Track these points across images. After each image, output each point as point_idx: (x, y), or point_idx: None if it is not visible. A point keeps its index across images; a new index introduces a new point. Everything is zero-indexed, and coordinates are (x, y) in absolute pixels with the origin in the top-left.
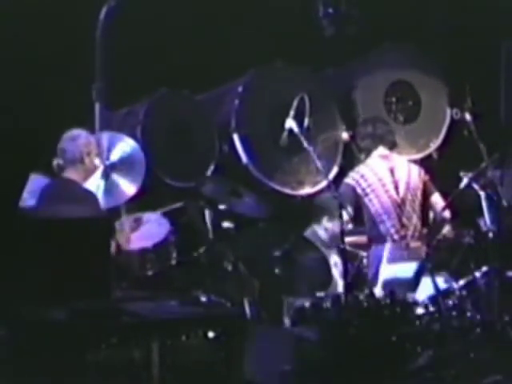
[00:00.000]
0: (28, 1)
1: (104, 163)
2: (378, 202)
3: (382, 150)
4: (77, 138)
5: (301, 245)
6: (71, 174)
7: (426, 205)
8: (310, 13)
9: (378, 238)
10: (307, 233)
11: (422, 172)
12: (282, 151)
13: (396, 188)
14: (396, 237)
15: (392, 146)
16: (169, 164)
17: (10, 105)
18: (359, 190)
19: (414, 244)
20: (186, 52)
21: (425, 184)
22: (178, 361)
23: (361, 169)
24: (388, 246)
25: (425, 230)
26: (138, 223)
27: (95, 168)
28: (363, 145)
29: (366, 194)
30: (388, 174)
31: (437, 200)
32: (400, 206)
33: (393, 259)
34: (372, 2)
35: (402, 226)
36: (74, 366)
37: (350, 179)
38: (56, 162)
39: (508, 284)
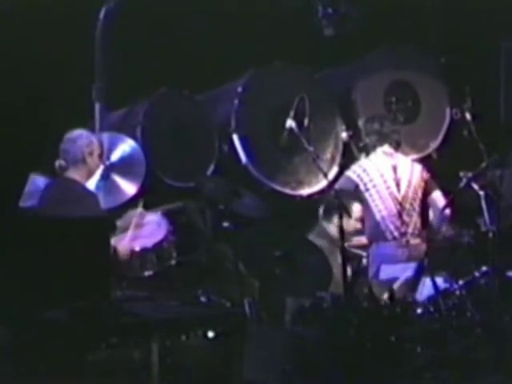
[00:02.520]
0: (28, 1)
1: (104, 163)
2: (378, 197)
3: (386, 147)
4: (78, 138)
5: (301, 245)
6: (73, 174)
7: (426, 204)
8: (310, 13)
9: (377, 235)
10: (315, 231)
11: (425, 171)
12: (282, 151)
13: (397, 185)
14: (396, 233)
15: (397, 146)
16: (169, 164)
17: (10, 105)
18: (362, 186)
19: (413, 241)
20: (186, 52)
21: (426, 182)
22: (177, 361)
23: (363, 163)
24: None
25: (425, 229)
26: (142, 217)
27: (97, 167)
28: (368, 141)
29: (367, 189)
30: (391, 171)
31: (438, 197)
32: (401, 203)
33: (394, 257)
34: (372, 2)
35: (403, 222)
36: (74, 365)
37: (351, 173)
38: (58, 163)
39: (508, 284)
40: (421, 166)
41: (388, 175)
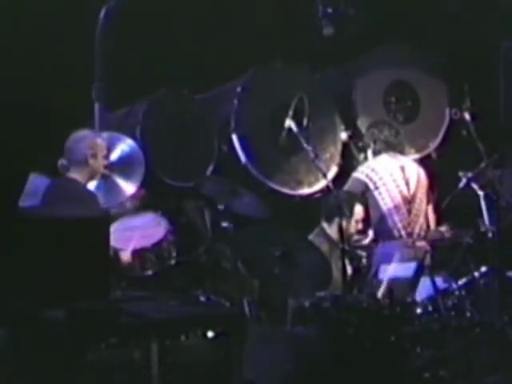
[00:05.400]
0: (28, 0)
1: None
2: (388, 196)
3: (391, 152)
4: (82, 139)
5: (301, 245)
6: (75, 174)
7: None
8: (310, 13)
9: (384, 234)
10: (315, 231)
11: (427, 178)
12: (281, 151)
13: (407, 184)
14: (403, 232)
15: (401, 154)
16: (168, 164)
17: (10, 105)
18: (371, 185)
19: (419, 243)
20: (186, 52)
21: (427, 190)
22: (177, 361)
23: (371, 163)
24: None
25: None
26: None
27: (101, 169)
28: (374, 147)
29: (377, 188)
30: (399, 170)
31: (429, 212)
32: (410, 202)
33: (398, 256)
34: (372, 1)
35: (410, 222)
36: (74, 365)
37: (360, 174)
38: (61, 162)
39: (507, 284)
40: (425, 172)
41: (397, 174)
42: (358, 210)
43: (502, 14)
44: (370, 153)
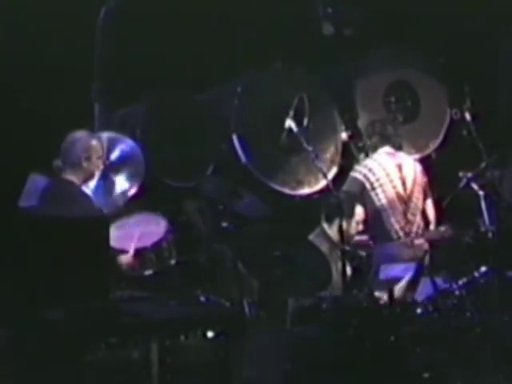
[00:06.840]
0: (28, 1)
1: (104, 164)
2: (384, 196)
3: (388, 148)
4: (77, 141)
5: (301, 245)
6: (70, 175)
7: (427, 204)
8: (310, 13)
9: (382, 235)
10: (315, 232)
11: (424, 173)
12: (281, 151)
13: (403, 184)
14: (401, 233)
15: (398, 148)
16: (168, 164)
17: (10, 105)
18: (368, 185)
19: (417, 241)
20: (186, 52)
21: (425, 185)
22: (177, 361)
23: (368, 163)
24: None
25: (427, 229)
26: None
27: (98, 169)
28: (370, 143)
29: (374, 188)
30: (396, 170)
31: (429, 207)
32: (406, 202)
33: (398, 257)
34: (372, 2)
35: (407, 221)
36: (73, 366)
37: (357, 174)
38: (55, 163)
39: (508, 284)
40: (421, 167)
41: (394, 174)
42: (359, 211)
43: (502, 13)
44: (367, 148)
